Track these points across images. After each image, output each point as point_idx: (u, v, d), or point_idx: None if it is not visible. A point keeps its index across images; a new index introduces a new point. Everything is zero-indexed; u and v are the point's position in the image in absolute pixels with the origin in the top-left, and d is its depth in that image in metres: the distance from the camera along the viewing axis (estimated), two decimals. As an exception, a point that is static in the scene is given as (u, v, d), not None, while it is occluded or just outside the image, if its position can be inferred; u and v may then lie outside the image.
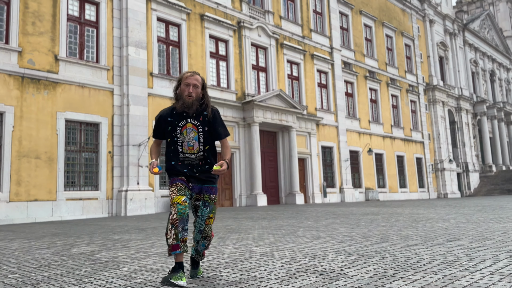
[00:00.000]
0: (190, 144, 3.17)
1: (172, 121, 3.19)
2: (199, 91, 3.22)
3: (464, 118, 41.76)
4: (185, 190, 3.03)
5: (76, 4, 16.42)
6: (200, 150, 3.19)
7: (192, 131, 3.18)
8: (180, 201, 2.91)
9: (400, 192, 32.13)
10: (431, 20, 39.76)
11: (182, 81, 3.23)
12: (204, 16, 20.42)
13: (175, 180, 3.09)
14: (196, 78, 3.21)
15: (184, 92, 3.17)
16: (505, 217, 8.10)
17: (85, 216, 15.22)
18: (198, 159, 3.18)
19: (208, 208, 3.15)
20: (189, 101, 3.14)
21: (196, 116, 3.20)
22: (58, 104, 15.17)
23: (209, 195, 3.18)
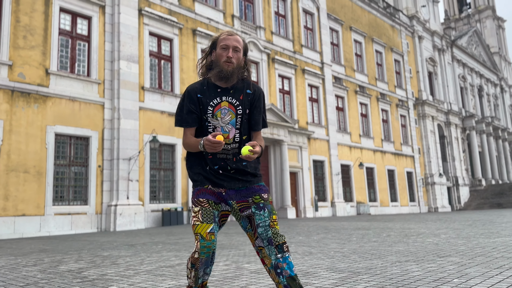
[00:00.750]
0: (225, 131, 2.31)
1: (202, 99, 2.33)
2: (241, 56, 2.37)
3: (454, 132, 42.25)
4: (212, 212, 2.23)
5: (68, 18, 16.44)
6: (236, 141, 2.33)
7: (228, 112, 2.33)
8: (204, 234, 2.16)
9: (391, 206, 32.21)
10: (420, 36, 40.47)
11: (218, 43, 2.37)
12: (196, 31, 20.57)
13: (200, 195, 2.26)
14: (237, 39, 2.37)
15: (221, 58, 2.32)
16: (495, 232, 8.14)
17: (73, 231, 14.99)
18: (233, 152, 2.32)
19: (265, 210, 2.25)
20: (228, 69, 2.30)
21: (234, 93, 2.35)
22: (48, 118, 15.06)
23: (260, 194, 2.29)
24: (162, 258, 5.83)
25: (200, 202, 2.24)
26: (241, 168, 2.31)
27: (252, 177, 2.34)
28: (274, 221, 2.24)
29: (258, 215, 2.23)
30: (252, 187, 2.31)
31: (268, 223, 2.21)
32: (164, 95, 18.71)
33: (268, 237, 2.18)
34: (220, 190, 2.28)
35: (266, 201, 2.29)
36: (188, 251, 6.64)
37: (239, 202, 2.27)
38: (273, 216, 2.25)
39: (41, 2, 15.54)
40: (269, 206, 2.28)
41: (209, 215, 2.21)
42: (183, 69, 19.79)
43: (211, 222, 2.19)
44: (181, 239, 9.38)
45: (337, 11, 31.30)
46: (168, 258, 5.81)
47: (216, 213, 2.25)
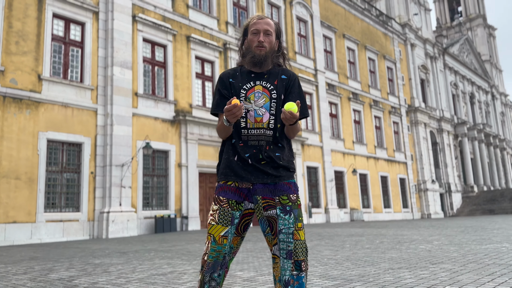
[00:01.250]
0: (259, 114, 2.15)
1: (234, 83, 2.23)
2: (273, 40, 2.30)
3: (446, 139, 42.56)
4: (231, 214, 2.09)
5: (61, 24, 16.40)
6: (270, 127, 2.15)
7: (262, 95, 2.19)
8: (217, 237, 2.05)
9: (385, 213, 32.28)
10: (412, 44, 40.86)
11: (249, 29, 2.29)
12: (190, 38, 20.60)
13: (222, 192, 2.12)
14: (267, 22, 2.28)
15: (252, 43, 2.25)
16: (487, 239, 8.19)
17: (65, 239, 14.84)
18: (266, 139, 2.14)
19: (291, 214, 2.06)
20: (261, 54, 2.22)
21: (269, 78, 2.26)
22: (40, 124, 14.96)
23: (288, 194, 2.10)
24: (154, 266, 5.79)
25: (220, 201, 2.10)
26: (273, 159, 2.12)
27: (284, 171, 2.15)
28: (299, 229, 2.06)
29: (282, 219, 2.05)
30: (281, 184, 2.12)
31: (291, 231, 2.03)
32: (158, 101, 18.68)
33: (289, 249, 2.02)
34: (245, 185, 2.11)
35: (294, 204, 2.10)
36: (180, 259, 6.60)
37: (265, 198, 2.09)
38: (298, 223, 2.06)
39: (34, 8, 15.49)
40: (296, 210, 2.08)
41: (226, 216, 2.07)
42: (177, 76, 19.78)
43: (227, 224, 2.06)
44: (174, 246, 9.32)
45: (330, 19, 31.54)
46: (161, 266, 5.77)
47: (236, 214, 2.09)
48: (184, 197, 18.72)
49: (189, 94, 20.10)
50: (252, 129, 2.13)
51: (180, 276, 4.78)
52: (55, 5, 16.06)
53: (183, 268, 5.48)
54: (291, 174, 2.17)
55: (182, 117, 19.02)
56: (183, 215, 18.45)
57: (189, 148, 19.28)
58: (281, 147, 2.17)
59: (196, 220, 18.85)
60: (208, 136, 20.08)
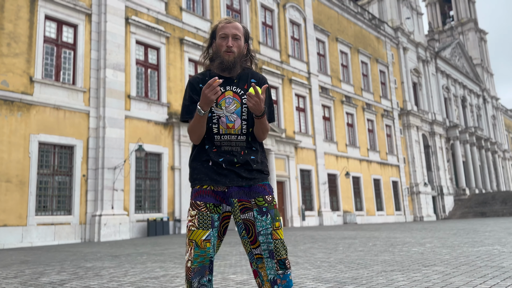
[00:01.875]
0: (230, 120, 2.16)
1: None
2: (242, 44, 2.27)
3: (438, 142, 42.86)
4: (210, 217, 2.08)
5: (53, 26, 16.30)
6: (243, 132, 2.18)
7: (233, 101, 2.19)
8: (199, 241, 2.03)
9: (377, 215, 32.40)
10: (405, 47, 41.16)
11: (217, 32, 2.28)
12: (184, 40, 20.57)
13: (198, 197, 2.11)
14: (236, 26, 2.25)
15: (221, 48, 2.24)
16: (479, 241, 8.24)
17: (56, 242, 14.70)
18: (240, 145, 2.17)
19: (268, 215, 2.08)
20: (229, 59, 2.21)
21: (239, 82, 2.25)
22: (32, 126, 14.83)
23: (263, 196, 2.12)
24: (147, 270, 5.75)
25: (197, 206, 2.08)
26: (248, 162, 2.14)
27: (258, 173, 2.17)
28: (277, 228, 2.08)
29: (259, 221, 2.07)
30: (256, 187, 2.13)
31: (270, 231, 2.05)
32: (151, 103, 18.61)
33: (270, 249, 2.05)
34: (220, 188, 2.12)
35: (270, 204, 2.11)
36: (173, 262, 6.56)
37: (241, 200, 2.10)
38: (276, 223, 2.08)
39: (26, 10, 15.39)
40: (273, 211, 2.10)
41: (206, 220, 2.06)
42: (170, 78, 19.73)
43: (207, 228, 2.05)
44: (166, 249, 9.27)
45: (323, 22, 31.68)
46: (153, 270, 5.73)
47: (215, 217, 2.09)
48: (177, 200, 18.64)
49: (182, 97, 20.01)
50: (224, 135, 2.15)
51: (172, 279, 4.75)
52: (47, 7, 15.96)
53: (175, 271, 5.44)
54: (265, 176, 2.19)
55: (175, 119, 18.97)
56: (176, 218, 18.36)
57: (182, 150, 19.22)
58: (255, 151, 2.21)
59: (189, 223, 18.75)
60: (201, 138, 20.03)
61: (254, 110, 2.07)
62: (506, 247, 6.73)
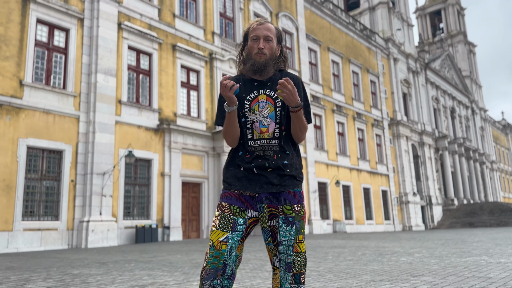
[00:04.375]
0: (264, 125, 2.13)
1: (237, 95, 2.17)
2: (275, 46, 2.23)
3: (427, 152, 43.24)
4: (232, 220, 2.04)
5: (45, 30, 16.20)
6: (275, 136, 2.13)
7: (266, 105, 2.15)
8: (215, 242, 2.00)
9: (367, 224, 32.48)
10: (395, 58, 41.64)
11: (249, 35, 2.26)
12: (176, 47, 20.58)
13: (224, 198, 2.10)
14: (268, 28, 2.22)
15: (252, 50, 2.21)
16: (467, 251, 8.30)
17: (43, 248, 14.47)
18: (273, 149, 2.13)
19: (293, 226, 2.04)
20: (260, 61, 2.17)
21: (272, 85, 2.19)
22: (21, 130, 14.66)
23: (292, 205, 2.07)
24: (135, 277, 5.69)
25: (222, 207, 2.07)
26: (281, 167, 2.10)
27: (290, 179, 2.11)
28: (299, 242, 2.04)
29: (283, 230, 2.03)
30: (286, 193, 2.08)
31: (292, 243, 2.02)
32: (142, 109, 18.53)
33: (288, 262, 2.02)
34: (249, 193, 2.09)
35: (298, 215, 2.06)
36: (161, 270, 6.50)
37: (270, 206, 2.06)
38: (299, 236, 2.04)
39: (17, 13, 15.28)
40: (299, 222, 2.05)
41: (227, 222, 2.03)
42: (162, 84, 19.70)
43: (227, 230, 2.01)
44: (155, 257, 9.18)
45: (315, 32, 31.95)
46: (141, 277, 5.67)
47: (240, 221, 2.04)
48: (166, 206, 18.51)
49: (173, 103, 20.01)
50: (258, 140, 2.12)
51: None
52: (39, 10, 15.87)
53: (164, 279, 5.39)
54: (297, 183, 2.13)
55: (166, 125, 18.90)
56: (165, 225, 18.22)
57: (173, 157, 19.13)
58: (288, 155, 2.15)
59: (178, 230, 18.63)
60: (192, 145, 19.98)
61: (289, 101, 2.02)
62: (493, 258, 6.78)
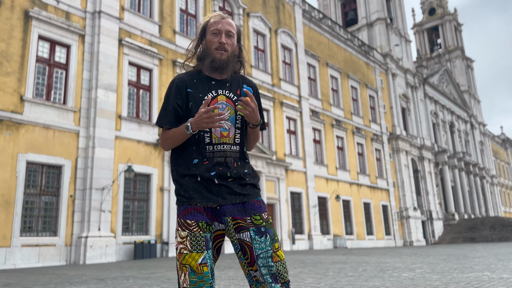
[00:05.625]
0: (225, 128, 1.95)
1: (192, 94, 1.97)
2: (235, 43, 2.05)
3: (427, 167, 43.22)
4: (204, 237, 1.85)
5: (46, 46, 16.34)
6: (236, 141, 1.96)
7: (227, 107, 1.97)
8: (195, 266, 1.80)
9: (367, 240, 32.26)
10: (394, 73, 41.95)
11: (208, 28, 2.05)
12: (177, 62, 20.74)
13: (188, 216, 1.87)
14: (229, 23, 2.03)
15: (212, 44, 2.01)
16: (468, 267, 8.23)
17: (41, 264, 14.33)
18: (233, 156, 1.95)
19: (267, 236, 1.88)
20: (222, 58, 1.98)
21: (231, 86, 2.01)
22: (20, 145, 14.66)
23: (260, 213, 1.92)
24: (133, 294, 5.62)
25: (188, 226, 1.84)
26: (242, 176, 1.93)
27: (251, 188, 1.96)
28: (277, 250, 1.88)
29: (258, 243, 1.86)
30: (251, 203, 1.92)
31: (270, 254, 1.85)
32: (142, 124, 18.58)
33: (272, 273, 1.84)
34: (211, 204, 1.89)
35: (268, 222, 1.91)
36: (160, 286, 6.42)
37: (236, 218, 1.88)
38: (275, 244, 1.89)
39: (19, 30, 15.44)
40: (271, 230, 1.90)
41: (199, 241, 1.82)
42: (162, 99, 19.74)
43: (202, 250, 1.81)
44: (153, 273, 9.09)
45: (314, 48, 32.25)
46: (140, 294, 5.59)
47: (208, 237, 1.86)
48: (165, 222, 18.40)
49: (173, 118, 20.05)
50: (217, 144, 1.92)
51: (159, 304, 4.64)
52: (41, 27, 16.04)
53: (162, 296, 5.32)
54: (258, 191, 2.00)
55: (166, 140, 18.89)
56: (164, 241, 18.08)
57: (172, 172, 19.08)
58: (247, 163, 2.02)
59: (178, 245, 18.47)
60: (192, 160, 19.96)
61: (250, 119, 1.91)
62: (495, 273, 6.72)
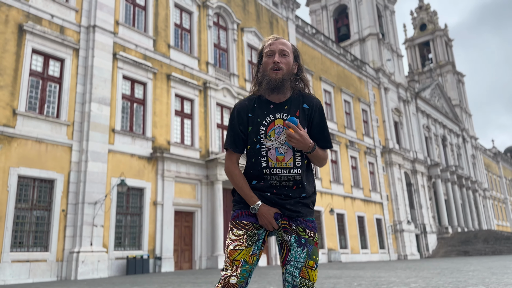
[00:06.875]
0: (280, 152, 1.98)
1: (252, 118, 2.02)
2: (291, 61, 2.05)
3: (420, 180, 43.38)
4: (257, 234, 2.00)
5: (40, 60, 16.34)
6: (296, 165, 1.99)
7: (283, 131, 2.00)
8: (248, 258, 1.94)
9: (362, 253, 32.13)
10: (386, 87, 42.37)
11: (263, 51, 2.08)
12: (171, 76, 20.80)
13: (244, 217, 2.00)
14: (283, 42, 2.05)
15: (267, 66, 2.02)
16: (463, 281, 8.21)
17: (31, 280, 14.08)
18: (293, 179, 2.00)
19: (304, 248, 1.95)
20: (277, 78, 1.99)
21: (290, 109, 2.02)
22: (12, 159, 14.53)
23: (305, 228, 1.99)
24: (126, 310, 5.53)
25: (245, 225, 1.98)
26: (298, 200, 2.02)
27: (303, 207, 2.03)
28: (309, 267, 1.93)
29: (294, 250, 1.94)
30: (301, 221, 2.01)
31: (300, 266, 1.92)
32: (135, 137, 18.53)
33: (295, 284, 1.93)
34: None
35: (311, 239, 1.96)
36: (153, 302, 6.32)
37: (285, 219, 2.00)
38: (310, 261, 1.93)
39: (13, 43, 15.44)
40: (312, 247, 1.95)
41: (253, 238, 1.98)
42: (156, 113, 19.78)
43: (253, 244, 1.98)
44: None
45: (307, 62, 32.55)
46: (132, 310, 5.51)
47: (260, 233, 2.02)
48: (158, 236, 18.22)
49: (167, 131, 20.04)
50: (274, 168, 1.98)
51: (152, 321, 4.57)
52: (35, 41, 16.06)
53: (155, 312, 5.25)
54: (310, 211, 2.06)
55: (159, 154, 18.85)
56: (157, 256, 17.88)
57: (166, 185, 18.99)
58: (306, 189, 2.05)
59: (170, 261, 18.28)
60: (186, 173, 19.89)
61: (302, 148, 1.94)
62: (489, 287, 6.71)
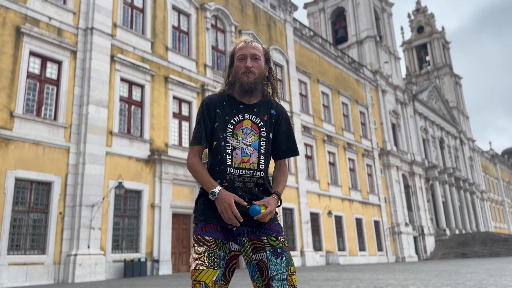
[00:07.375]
0: (246, 153, 1.97)
1: (220, 115, 2.02)
2: (263, 65, 2.07)
3: (418, 182, 43.44)
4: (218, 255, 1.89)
5: (37, 62, 16.31)
6: (260, 168, 1.99)
7: (251, 132, 2.01)
8: (209, 282, 1.83)
9: (360, 256, 32.12)
10: (383, 90, 42.47)
11: (235, 55, 2.08)
12: (169, 78, 20.79)
13: (207, 232, 1.91)
14: (254, 46, 2.05)
15: (239, 69, 2.04)
16: (461, 283, 8.21)
17: (28, 283, 14.01)
18: (255, 181, 1.98)
19: (283, 257, 1.90)
20: (249, 81, 2.01)
21: (259, 112, 2.05)
22: (9, 162, 14.48)
23: (277, 236, 1.95)
24: (123, 313, 5.50)
25: (207, 242, 1.88)
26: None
27: None
28: (292, 274, 1.89)
29: (273, 264, 1.88)
30: (267, 225, 1.95)
31: (285, 276, 1.86)
32: (133, 140, 18.49)
33: None
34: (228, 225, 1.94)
35: (284, 245, 1.93)
36: (151, 305, 6.30)
37: (252, 239, 1.92)
38: (291, 267, 1.90)
39: (10, 46, 15.41)
40: (287, 253, 1.92)
41: (215, 258, 1.87)
42: (154, 115, 19.76)
43: (217, 267, 1.86)
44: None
45: (305, 65, 32.60)
46: (130, 313, 5.48)
47: (222, 256, 1.90)
48: (156, 239, 18.17)
49: (165, 134, 20.02)
50: (238, 169, 1.95)
51: (150, 324, 4.55)
52: (32, 43, 16.03)
53: (153, 315, 5.22)
54: (275, 216, 2.02)
55: (157, 156, 18.82)
56: (154, 259, 17.82)
57: (163, 188, 18.96)
58: (268, 188, 2.04)
59: (168, 264, 18.23)
60: (184, 176, 19.85)
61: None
62: (487, 289, 6.71)
